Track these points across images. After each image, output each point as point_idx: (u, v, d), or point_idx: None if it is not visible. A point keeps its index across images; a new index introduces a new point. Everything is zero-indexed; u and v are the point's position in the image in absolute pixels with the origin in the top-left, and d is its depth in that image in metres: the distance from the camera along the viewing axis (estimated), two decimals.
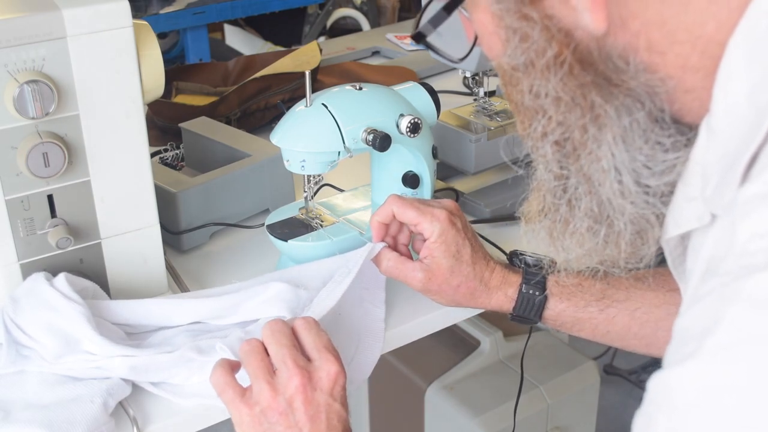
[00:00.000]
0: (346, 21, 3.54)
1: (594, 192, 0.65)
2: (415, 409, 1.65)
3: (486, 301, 0.97)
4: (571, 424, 1.66)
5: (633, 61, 0.60)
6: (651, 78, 0.60)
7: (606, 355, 2.30)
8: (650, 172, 0.63)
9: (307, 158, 0.99)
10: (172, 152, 1.31)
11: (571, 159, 0.65)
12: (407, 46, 1.92)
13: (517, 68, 0.64)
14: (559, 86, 0.62)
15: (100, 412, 0.82)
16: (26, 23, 0.82)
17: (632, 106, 0.61)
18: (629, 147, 0.62)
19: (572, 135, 0.64)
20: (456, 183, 1.26)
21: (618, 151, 0.62)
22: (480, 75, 1.24)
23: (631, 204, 0.64)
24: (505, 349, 1.67)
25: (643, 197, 0.64)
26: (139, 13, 2.43)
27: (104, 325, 0.88)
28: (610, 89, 0.61)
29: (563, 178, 0.67)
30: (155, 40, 0.92)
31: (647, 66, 0.60)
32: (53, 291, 0.87)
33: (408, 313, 1.01)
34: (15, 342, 0.86)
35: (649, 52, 0.59)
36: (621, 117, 0.61)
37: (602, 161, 0.63)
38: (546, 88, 0.63)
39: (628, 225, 0.66)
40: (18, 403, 0.83)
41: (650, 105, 0.61)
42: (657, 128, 0.62)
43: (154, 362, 0.86)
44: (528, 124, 0.66)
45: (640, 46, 0.59)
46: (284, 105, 1.46)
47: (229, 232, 1.17)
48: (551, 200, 0.69)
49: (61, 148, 0.85)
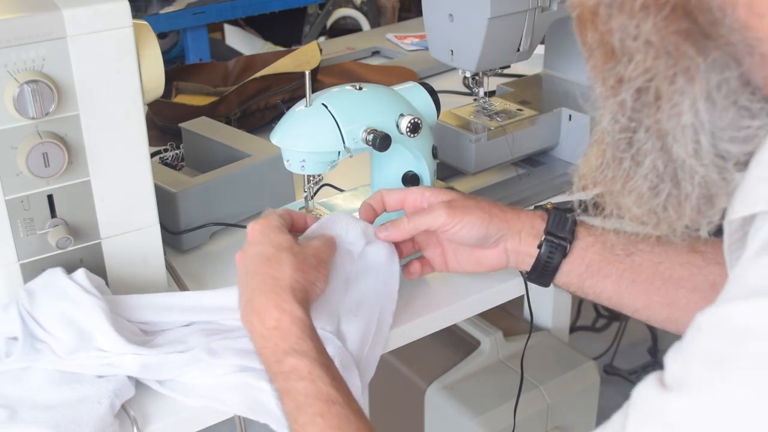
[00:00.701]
0: (346, 21, 3.54)
1: (665, 149, 0.62)
2: (415, 409, 1.64)
3: (514, 216, 0.92)
4: (571, 424, 1.65)
5: (730, 16, 0.57)
6: (748, 36, 0.56)
7: (606, 355, 2.30)
8: (730, 137, 0.59)
9: (307, 158, 0.99)
10: (172, 152, 1.31)
11: (650, 110, 0.61)
12: (407, 46, 1.92)
13: (608, 5, 0.60)
14: (653, 30, 0.58)
15: (107, 413, 0.82)
16: (26, 23, 0.82)
17: (726, 64, 0.58)
18: (715, 107, 0.59)
19: (657, 84, 0.60)
20: (456, 183, 1.26)
21: (702, 109, 0.59)
22: (480, 75, 1.24)
23: (703, 167, 0.61)
24: (505, 349, 1.67)
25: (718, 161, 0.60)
26: (139, 13, 2.43)
27: (120, 322, 0.88)
28: (705, 42, 0.58)
29: (630, 130, 0.63)
30: (155, 40, 0.92)
31: (744, 25, 0.56)
32: (73, 284, 0.88)
33: (408, 313, 1.01)
34: (30, 335, 0.86)
35: (749, 11, 0.56)
36: (712, 73, 0.58)
37: (683, 116, 0.59)
38: (638, 30, 0.59)
39: (696, 188, 0.62)
40: (24, 401, 0.83)
41: (745, 66, 0.58)
42: (747, 92, 0.59)
43: (165, 361, 0.86)
44: (609, 66, 0.62)
45: (740, 2, 0.56)
46: (284, 105, 1.46)
47: (229, 232, 1.17)
48: (613, 153, 0.66)
49: (61, 148, 0.85)
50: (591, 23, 0.63)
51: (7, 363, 0.86)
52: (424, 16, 1.22)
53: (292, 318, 0.79)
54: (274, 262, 0.84)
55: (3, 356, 0.87)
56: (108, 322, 0.86)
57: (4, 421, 0.80)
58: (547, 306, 1.78)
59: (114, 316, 0.88)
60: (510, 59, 1.21)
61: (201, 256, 1.13)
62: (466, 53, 1.17)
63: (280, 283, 0.82)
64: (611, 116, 0.64)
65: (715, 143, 0.60)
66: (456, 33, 1.17)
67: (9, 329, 0.87)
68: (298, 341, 0.78)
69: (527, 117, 1.27)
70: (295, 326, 0.79)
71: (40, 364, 0.86)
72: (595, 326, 2.40)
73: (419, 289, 1.05)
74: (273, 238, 0.87)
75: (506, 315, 1.75)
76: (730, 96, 0.59)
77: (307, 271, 0.84)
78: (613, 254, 0.90)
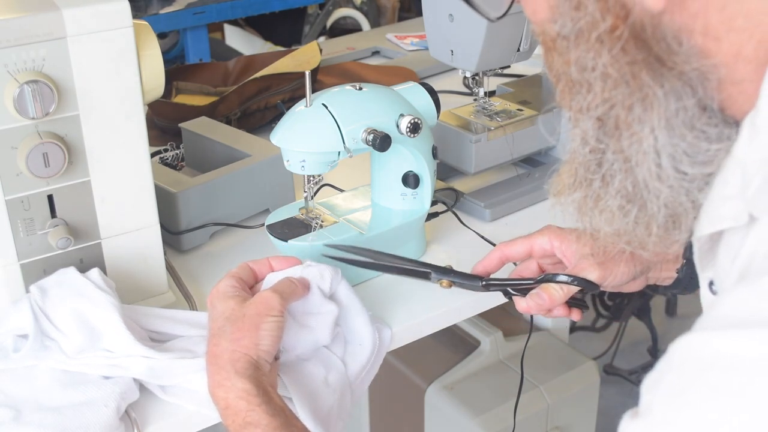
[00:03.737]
0: (346, 21, 3.54)
1: (630, 171, 0.63)
2: (415, 409, 1.64)
3: None
4: (571, 424, 1.65)
5: (687, 43, 0.57)
6: (704, 63, 0.57)
7: (606, 355, 2.31)
8: (690, 161, 0.61)
9: (307, 158, 0.99)
10: (172, 152, 1.31)
11: (612, 137, 0.63)
12: (407, 46, 1.92)
13: (565, 37, 0.61)
14: (609, 62, 0.59)
15: (113, 417, 0.81)
16: (26, 23, 0.82)
17: (682, 91, 0.59)
18: (673, 133, 0.60)
19: (616, 113, 0.61)
20: (456, 183, 1.26)
21: (661, 135, 0.60)
22: (480, 75, 1.24)
23: (668, 188, 0.62)
24: (505, 349, 1.67)
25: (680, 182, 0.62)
26: (139, 13, 2.43)
27: (131, 324, 0.88)
28: (661, 70, 0.59)
29: (599, 152, 0.65)
30: (155, 40, 0.92)
31: (701, 50, 0.57)
32: (87, 281, 0.88)
33: (408, 313, 1.01)
34: (41, 332, 0.86)
35: (705, 36, 0.57)
36: (669, 101, 0.59)
37: (643, 143, 0.61)
38: (595, 62, 0.60)
39: (662, 208, 0.64)
40: (29, 402, 0.83)
41: (701, 92, 0.59)
42: (704, 117, 0.60)
43: (172, 366, 0.86)
44: (570, 96, 0.64)
45: (696, 29, 0.57)
46: (284, 105, 1.46)
47: (229, 232, 1.17)
48: (584, 174, 0.67)
49: (61, 148, 0.85)
50: (553, 51, 0.64)
51: (14, 360, 0.86)
52: (424, 16, 1.22)
53: (236, 393, 0.80)
54: (215, 338, 0.84)
55: (11, 352, 0.86)
56: (121, 321, 0.86)
57: (9, 422, 0.80)
58: None
59: (126, 318, 0.88)
60: (510, 59, 1.21)
61: (201, 256, 1.13)
62: (466, 53, 1.17)
63: (218, 360, 0.82)
64: (580, 139, 0.66)
65: (676, 166, 0.61)
66: (456, 33, 1.17)
67: (19, 325, 0.87)
68: (248, 413, 0.79)
69: (527, 117, 1.27)
70: (242, 400, 0.79)
71: (47, 362, 0.85)
72: (595, 326, 2.40)
73: (419, 289, 1.05)
74: (218, 307, 0.86)
75: (506, 315, 1.75)
76: (688, 122, 0.60)
77: (243, 336, 0.83)
78: None
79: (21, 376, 0.85)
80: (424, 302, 1.03)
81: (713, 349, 0.50)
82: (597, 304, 2.35)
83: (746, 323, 0.49)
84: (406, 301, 1.03)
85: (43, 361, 0.85)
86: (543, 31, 0.64)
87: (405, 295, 1.03)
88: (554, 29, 0.61)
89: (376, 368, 0.95)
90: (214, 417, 0.86)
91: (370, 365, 0.93)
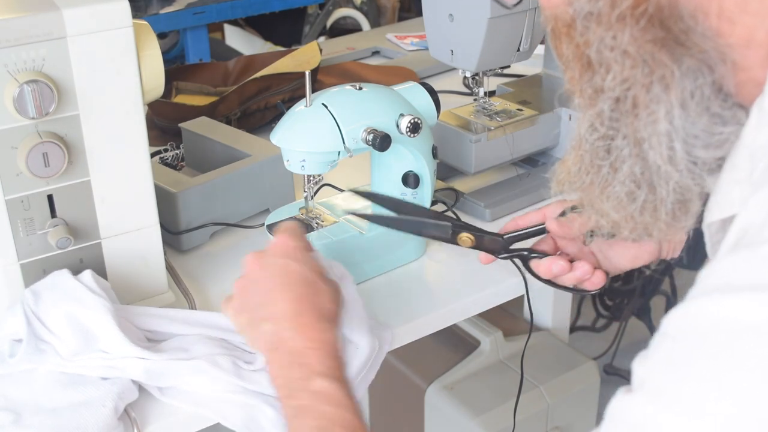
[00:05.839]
0: (346, 21, 3.54)
1: (641, 155, 0.63)
2: (415, 409, 1.65)
3: None
4: (571, 424, 1.66)
5: (702, 24, 0.58)
6: (720, 43, 0.58)
7: (606, 355, 2.30)
8: (703, 143, 0.61)
9: (307, 158, 0.99)
10: (172, 152, 1.31)
11: (627, 118, 0.62)
12: (407, 46, 1.92)
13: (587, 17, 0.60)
14: (630, 40, 0.59)
15: (111, 417, 0.81)
16: (26, 23, 0.82)
17: (699, 72, 0.59)
18: (689, 114, 0.60)
19: (635, 92, 0.61)
20: (456, 183, 1.26)
21: (678, 116, 0.60)
22: (480, 75, 1.24)
23: (678, 172, 0.62)
24: (505, 349, 1.67)
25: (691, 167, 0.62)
26: (139, 13, 2.43)
27: (126, 326, 0.88)
28: (679, 50, 0.59)
29: (608, 138, 0.65)
30: (155, 40, 0.92)
31: (715, 32, 0.58)
32: (79, 284, 0.88)
33: (408, 313, 1.01)
34: (35, 336, 0.86)
35: (719, 19, 0.57)
36: (686, 81, 0.59)
37: (659, 124, 0.60)
38: (616, 41, 0.60)
39: (671, 193, 0.64)
40: (28, 404, 0.83)
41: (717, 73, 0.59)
42: (719, 99, 0.60)
43: (169, 367, 0.86)
44: (586, 78, 0.63)
45: (711, 11, 0.57)
46: (284, 105, 1.46)
47: (229, 232, 1.17)
48: (591, 160, 0.67)
49: (61, 148, 0.85)
50: (566, 36, 0.64)
51: (11, 364, 0.86)
52: (424, 16, 1.22)
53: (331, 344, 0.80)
54: (315, 288, 0.84)
55: (7, 357, 0.86)
56: (114, 323, 0.85)
57: (9, 425, 0.80)
58: (547, 306, 1.78)
59: (120, 319, 0.87)
60: (510, 59, 1.21)
61: (201, 256, 1.13)
62: (466, 53, 1.17)
63: (323, 311, 0.82)
64: (589, 125, 0.66)
65: (689, 149, 0.61)
66: (456, 33, 1.17)
67: (14, 330, 0.87)
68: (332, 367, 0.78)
69: (527, 117, 1.27)
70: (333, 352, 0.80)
71: (44, 365, 0.85)
72: (595, 326, 2.40)
73: (419, 289, 1.05)
74: (310, 262, 0.86)
75: (506, 315, 1.75)
76: (703, 103, 0.60)
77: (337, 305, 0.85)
78: None
79: (20, 380, 0.85)
80: (424, 302, 1.03)
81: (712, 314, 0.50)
82: (597, 304, 2.35)
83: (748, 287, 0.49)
84: (406, 301, 1.03)
85: (40, 364, 0.85)
86: (555, 16, 0.64)
87: (405, 295, 1.03)
88: (569, 12, 0.61)
89: (376, 369, 0.95)
90: (214, 417, 0.86)
91: (369, 366, 0.93)
